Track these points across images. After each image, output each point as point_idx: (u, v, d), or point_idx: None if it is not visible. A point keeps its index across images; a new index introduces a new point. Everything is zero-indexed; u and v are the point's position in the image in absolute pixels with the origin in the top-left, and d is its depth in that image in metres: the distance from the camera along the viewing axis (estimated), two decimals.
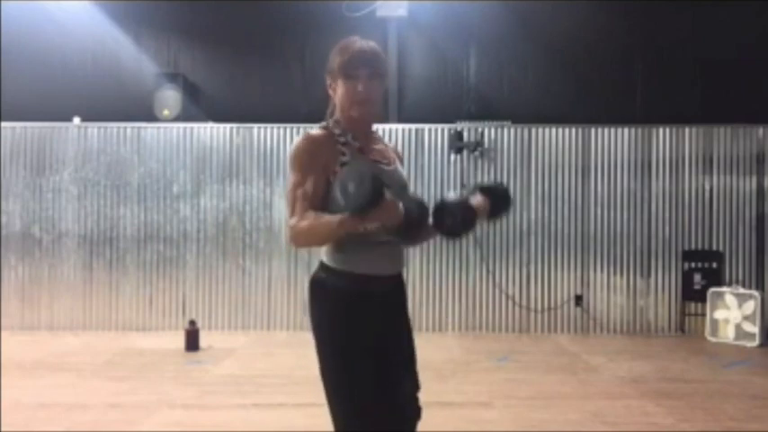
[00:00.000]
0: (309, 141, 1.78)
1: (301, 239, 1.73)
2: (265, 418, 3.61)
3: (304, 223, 1.69)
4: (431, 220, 1.79)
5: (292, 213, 1.74)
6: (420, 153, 6.34)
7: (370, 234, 1.73)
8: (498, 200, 1.90)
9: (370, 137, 1.91)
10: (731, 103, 6.45)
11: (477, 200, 1.85)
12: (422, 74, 6.73)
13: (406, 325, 1.93)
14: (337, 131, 1.82)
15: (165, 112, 6.31)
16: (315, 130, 1.84)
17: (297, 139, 1.81)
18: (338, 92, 1.82)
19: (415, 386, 1.91)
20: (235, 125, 6.41)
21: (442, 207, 1.79)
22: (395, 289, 1.89)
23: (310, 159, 1.75)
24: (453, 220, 1.78)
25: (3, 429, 3.33)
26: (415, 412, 1.90)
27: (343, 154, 1.78)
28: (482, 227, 6.32)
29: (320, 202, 1.74)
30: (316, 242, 1.76)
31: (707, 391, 4.27)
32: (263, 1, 6.65)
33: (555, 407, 3.87)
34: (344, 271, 1.77)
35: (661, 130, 6.38)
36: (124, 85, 6.59)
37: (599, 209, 6.36)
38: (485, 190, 1.90)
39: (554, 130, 6.39)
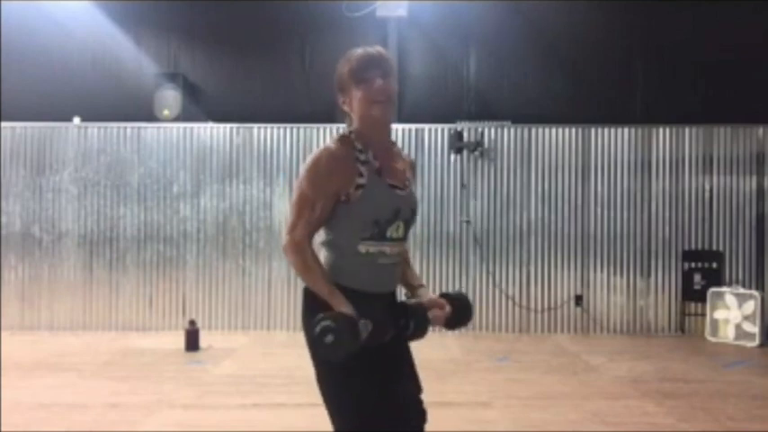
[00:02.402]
0: (330, 157, 1.73)
1: (293, 263, 1.77)
2: (265, 419, 3.61)
3: (305, 259, 1.74)
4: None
5: (294, 226, 1.74)
6: (420, 153, 6.34)
7: (372, 255, 1.77)
8: (460, 311, 1.94)
9: (391, 151, 1.87)
10: (731, 103, 6.46)
11: (436, 309, 1.87)
12: (422, 74, 6.73)
13: (401, 339, 1.90)
14: (358, 146, 1.77)
15: (165, 112, 6.31)
16: (334, 142, 1.77)
17: (317, 150, 1.76)
18: (354, 101, 1.77)
19: (417, 389, 1.91)
20: (235, 125, 6.40)
21: (402, 311, 1.82)
22: (389, 302, 1.87)
23: (325, 178, 1.72)
24: (407, 326, 1.80)
25: (3, 429, 3.33)
26: (420, 415, 1.89)
27: (361, 175, 1.74)
28: (482, 227, 6.33)
29: (324, 222, 1.78)
30: (303, 279, 1.79)
31: (707, 391, 4.27)
32: (264, 1, 6.65)
33: (555, 407, 3.87)
34: (341, 285, 1.76)
35: (661, 130, 6.38)
36: (124, 85, 6.59)
37: (599, 209, 6.36)
38: (448, 298, 1.93)
39: (554, 130, 6.39)
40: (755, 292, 5.81)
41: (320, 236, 1.82)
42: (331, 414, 1.75)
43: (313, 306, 1.77)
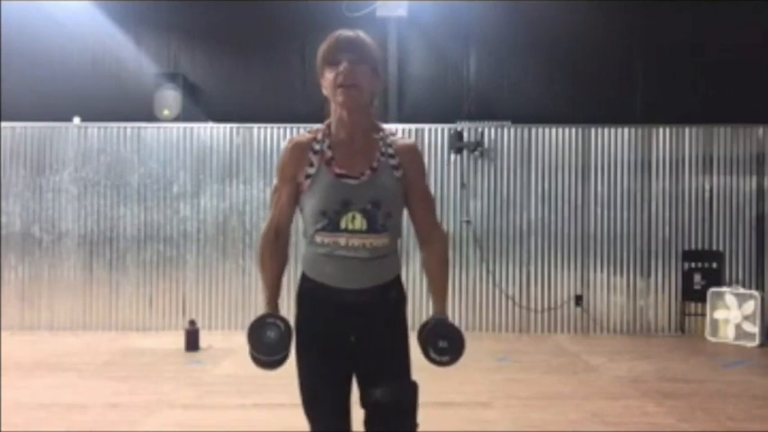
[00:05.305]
0: (287, 148, 1.84)
1: (258, 254, 1.90)
2: (265, 419, 3.61)
3: (261, 252, 1.87)
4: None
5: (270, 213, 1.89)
6: None
7: (328, 246, 1.76)
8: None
9: (357, 138, 1.79)
10: (731, 103, 6.46)
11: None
12: (422, 74, 6.73)
13: (377, 338, 1.83)
14: (320, 136, 1.81)
15: (165, 112, 6.31)
16: (301, 133, 1.88)
17: None
18: (326, 84, 1.76)
19: (379, 383, 1.80)
20: (235, 125, 6.41)
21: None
22: (358, 302, 1.79)
23: (283, 168, 1.83)
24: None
25: (3, 429, 3.33)
26: (378, 410, 1.80)
27: (311, 165, 1.78)
28: (482, 227, 6.33)
29: (293, 208, 1.85)
30: (258, 268, 1.93)
31: (707, 391, 4.27)
32: (263, 1, 6.66)
33: (555, 407, 3.87)
34: (306, 275, 1.86)
35: (661, 130, 6.38)
36: (124, 85, 6.59)
37: (599, 209, 6.36)
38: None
39: (554, 130, 6.39)
40: (755, 292, 5.81)
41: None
42: None
43: (297, 291, 1.89)
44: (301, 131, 1.93)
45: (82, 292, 6.33)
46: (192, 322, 5.57)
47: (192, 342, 5.43)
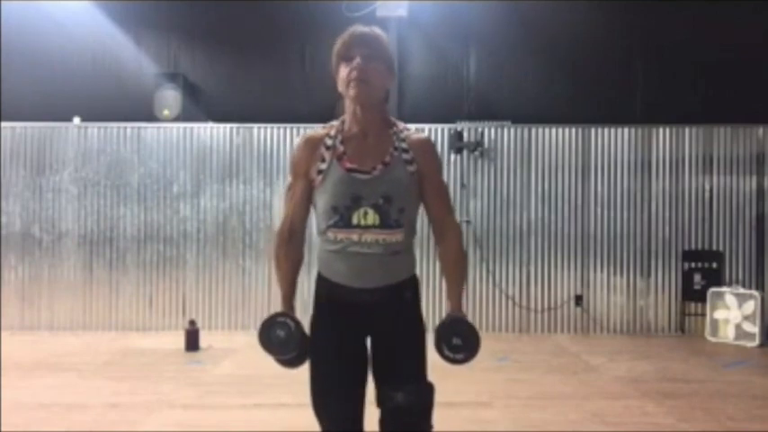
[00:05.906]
0: (299, 144, 1.84)
1: (273, 252, 1.91)
2: (266, 418, 3.61)
3: (276, 252, 1.88)
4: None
5: (283, 215, 1.89)
6: None
7: (341, 242, 1.75)
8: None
9: (370, 134, 1.78)
10: (731, 103, 6.46)
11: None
12: (422, 74, 6.73)
13: (393, 339, 1.81)
14: (333, 132, 1.80)
15: (165, 112, 6.31)
16: (315, 129, 1.85)
17: None
18: (338, 80, 1.77)
19: (392, 385, 1.79)
20: (235, 125, 6.41)
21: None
22: (372, 301, 1.77)
23: (295, 164, 1.83)
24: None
25: (3, 429, 3.33)
26: (391, 413, 1.79)
27: (323, 160, 1.77)
28: (482, 227, 6.33)
29: (307, 205, 1.83)
30: (274, 267, 1.93)
31: (707, 391, 4.27)
32: (263, 1, 6.65)
33: (555, 407, 3.87)
34: (321, 274, 1.85)
35: (661, 130, 6.38)
36: (124, 85, 6.59)
37: (599, 209, 6.36)
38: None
39: (554, 130, 6.39)
40: (755, 292, 5.81)
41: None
42: None
43: (314, 297, 1.86)
44: (301, 131, 1.92)
45: (82, 292, 6.33)
46: (192, 322, 5.57)
47: (192, 342, 5.43)
